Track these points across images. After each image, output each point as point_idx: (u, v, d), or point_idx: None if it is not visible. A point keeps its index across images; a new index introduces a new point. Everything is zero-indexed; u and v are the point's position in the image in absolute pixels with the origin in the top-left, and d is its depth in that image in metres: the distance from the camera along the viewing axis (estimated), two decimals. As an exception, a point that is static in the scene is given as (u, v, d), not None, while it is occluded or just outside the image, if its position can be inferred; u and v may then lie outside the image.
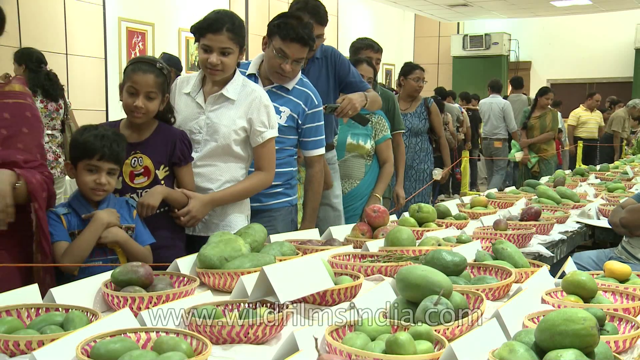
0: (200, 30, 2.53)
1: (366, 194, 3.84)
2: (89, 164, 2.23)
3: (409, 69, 5.18)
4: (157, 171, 2.48)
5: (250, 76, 2.89)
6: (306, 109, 2.91)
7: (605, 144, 10.21)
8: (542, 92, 7.68)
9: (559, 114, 10.59)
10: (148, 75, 2.40)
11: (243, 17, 9.71)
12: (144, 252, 2.26)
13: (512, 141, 8.54)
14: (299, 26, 2.77)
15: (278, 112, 2.82)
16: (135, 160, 2.45)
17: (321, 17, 3.24)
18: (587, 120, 10.27)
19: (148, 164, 2.47)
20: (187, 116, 2.63)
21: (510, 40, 15.45)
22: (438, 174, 5.55)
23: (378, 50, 4.31)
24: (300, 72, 2.95)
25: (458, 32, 15.84)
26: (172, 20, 8.91)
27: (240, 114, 2.59)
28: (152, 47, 8.60)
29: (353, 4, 12.86)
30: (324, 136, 3.02)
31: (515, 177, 7.91)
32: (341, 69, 3.36)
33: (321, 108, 2.98)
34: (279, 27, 2.78)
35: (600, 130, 10.32)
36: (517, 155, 7.72)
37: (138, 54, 8.46)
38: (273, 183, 2.78)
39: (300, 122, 2.92)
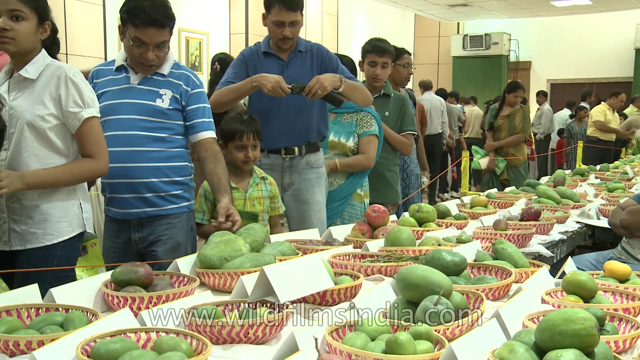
0: None
1: (349, 194, 3.62)
2: None
3: (396, 53, 4.21)
4: None
5: (120, 68, 2.67)
6: (189, 89, 2.67)
7: (616, 146, 9.75)
8: (511, 88, 6.45)
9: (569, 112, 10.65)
10: None
11: (243, 18, 9.70)
12: None
13: (473, 147, 7.28)
14: (151, 8, 2.50)
15: (159, 95, 2.62)
16: None
17: (291, 2, 3.05)
18: (611, 120, 9.28)
19: None
20: None
21: (510, 40, 15.46)
22: (426, 180, 4.97)
23: (384, 53, 3.86)
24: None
25: (458, 32, 15.85)
26: (172, 20, 8.90)
27: (45, 95, 2.25)
28: (152, 47, 8.60)
29: (353, 4, 12.85)
30: (212, 119, 2.74)
31: (481, 186, 6.87)
32: (329, 66, 3.23)
33: (204, 89, 2.75)
34: (129, 13, 2.50)
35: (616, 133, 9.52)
36: (482, 162, 6.53)
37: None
38: (171, 179, 2.62)
39: (184, 103, 2.66)
